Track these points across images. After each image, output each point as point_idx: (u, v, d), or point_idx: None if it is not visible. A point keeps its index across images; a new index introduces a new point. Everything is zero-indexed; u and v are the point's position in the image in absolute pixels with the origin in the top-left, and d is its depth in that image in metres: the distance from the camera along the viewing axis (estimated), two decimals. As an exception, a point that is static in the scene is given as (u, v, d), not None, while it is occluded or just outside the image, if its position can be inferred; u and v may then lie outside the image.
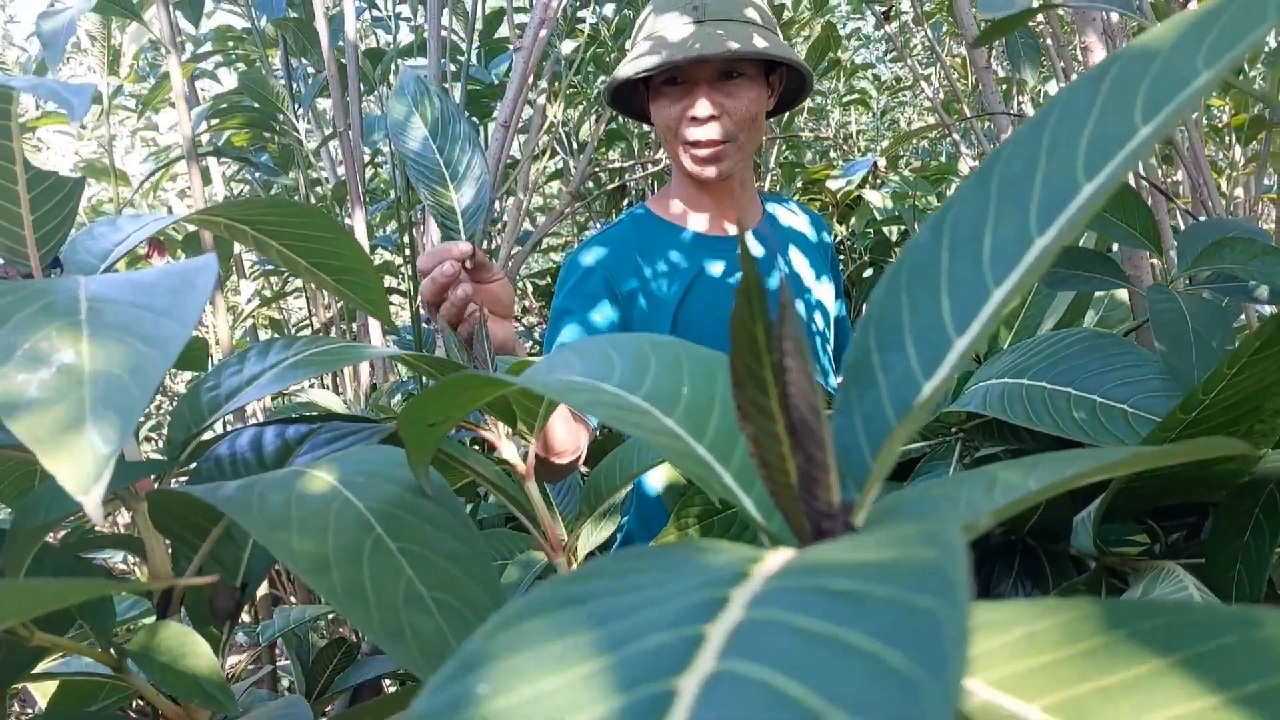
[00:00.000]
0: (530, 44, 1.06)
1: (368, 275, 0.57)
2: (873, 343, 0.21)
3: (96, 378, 0.29)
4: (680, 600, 0.15)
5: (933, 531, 0.14)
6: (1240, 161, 2.05)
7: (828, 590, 0.14)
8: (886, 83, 3.91)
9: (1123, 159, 0.19)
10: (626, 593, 0.15)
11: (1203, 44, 0.20)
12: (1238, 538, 0.49)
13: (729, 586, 0.15)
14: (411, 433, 0.35)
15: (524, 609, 0.15)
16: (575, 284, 1.19)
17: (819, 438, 0.18)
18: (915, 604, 0.12)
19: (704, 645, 0.12)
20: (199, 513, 0.47)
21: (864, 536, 0.16)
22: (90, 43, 1.50)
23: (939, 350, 0.20)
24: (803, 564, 0.15)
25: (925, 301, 0.20)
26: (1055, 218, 0.19)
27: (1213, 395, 0.46)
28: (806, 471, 0.19)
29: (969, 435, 0.67)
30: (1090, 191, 0.19)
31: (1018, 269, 0.19)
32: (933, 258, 0.21)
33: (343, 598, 0.34)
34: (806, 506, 0.19)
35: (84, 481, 0.26)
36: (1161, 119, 0.19)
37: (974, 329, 0.19)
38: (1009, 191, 0.20)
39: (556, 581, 0.16)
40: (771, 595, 0.14)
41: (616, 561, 0.17)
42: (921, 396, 0.20)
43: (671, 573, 0.16)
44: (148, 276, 0.36)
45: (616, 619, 0.14)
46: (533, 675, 0.12)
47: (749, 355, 0.19)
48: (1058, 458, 0.28)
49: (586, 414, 0.26)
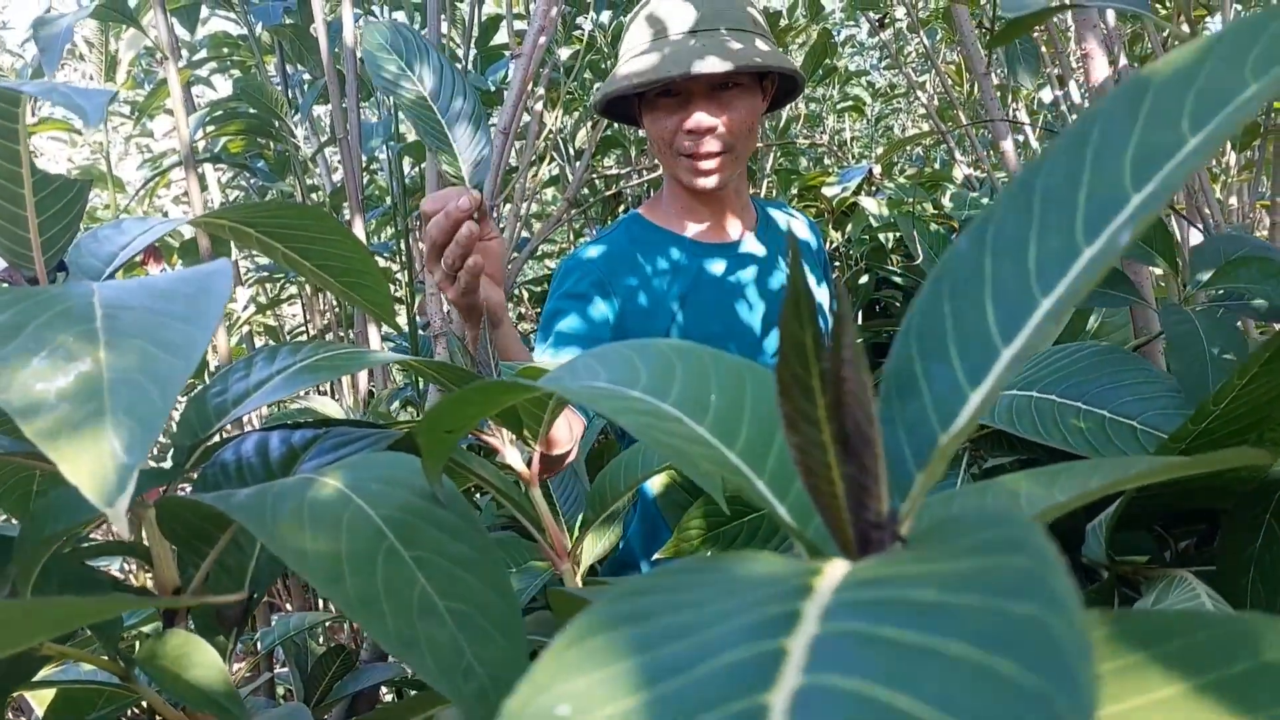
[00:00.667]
0: (529, 51, 1.06)
1: (373, 278, 0.57)
2: (915, 352, 0.21)
3: (116, 385, 0.28)
4: (747, 615, 0.14)
5: (1014, 536, 0.14)
6: (1234, 168, 2.06)
7: (909, 601, 0.13)
8: (881, 90, 3.93)
9: (1172, 169, 0.19)
10: (685, 609, 0.15)
11: (1249, 56, 0.19)
12: (1249, 545, 0.49)
13: (797, 599, 0.15)
14: (430, 439, 0.34)
15: (587, 627, 0.15)
16: (569, 286, 1.19)
17: (873, 447, 0.18)
18: (1016, 611, 0.12)
19: (786, 660, 0.12)
20: (207, 520, 0.46)
21: (927, 547, 0.16)
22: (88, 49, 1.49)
23: (986, 360, 0.19)
24: (868, 576, 0.15)
25: (969, 311, 0.20)
26: (1103, 228, 0.19)
27: (1223, 406, 0.46)
28: (857, 481, 0.18)
29: (976, 445, 0.67)
30: (1138, 202, 0.19)
31: (1066, 278, 0.19)
32: (975, 267, 0.21)
33: (357, 606, 0.34)
34: (854, 516, 0.19)
35: (108, 492, 0.25)
36: (1211, 129, 0.19)
37: (1021, 339, 0.19)
38: (1053, 202, 0.20)
39: (608, 598, 0.16)
40: (846, 608, 0.14)
41: (663, 577, 0.17)
42: (970, 407, 0.19)
43: (725, 587, 0.16)
44: (162, 282, 0.35)
45: (684, 636, 0.14)
46: (611, 695, 0.12)
47: (797, 363, 0.19)
48: (1078, 468, 0.27)
49: (614, 420, 0.25)
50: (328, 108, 1.72)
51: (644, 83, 1.10)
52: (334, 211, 2.00)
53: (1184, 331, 0.57)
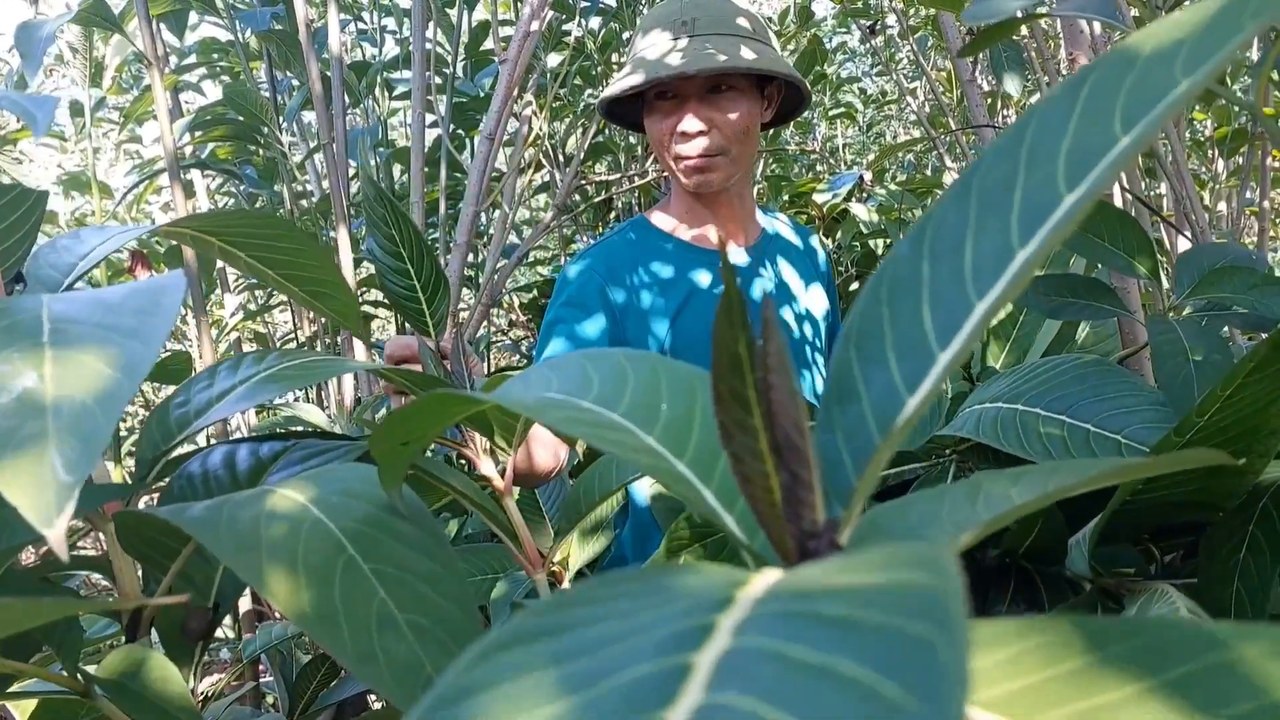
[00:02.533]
0: (515, 56, 1.06)
1: (338, 287, 0.56)
2: (854, 356, 0.20)
3: (60, 404, 0.28)
4: (663, 629, 0.14)
5: (924, 554, 0.13)
6: (1223, 175, 2.06)
7: (819, 616, 0.13)
8: (873, 96, 3.94)
9: (1104, 169, 0.18)
10: (605, 621, 0.15)
11: (1180, 52, 0.19)
12: (1233, 555, 0.48)
13: (714, 612, 0.14)
14: (383, 452, 0.34)
15: (500, 641, 0.14)
16: (569, 295, 1.18)
17: (804, 456, 0.18)
18: (909, 631, 0.11)
19: (691, 676, 0.12)
20: (168, 533, 0.45)
21: (852, 558, 0.15)
22: (71, 55, 1.49)
23: (922, 364, 0.19)
24: (790, 587, 0.15)
25: (907, 315, 0.20)
26: (1037, 229, 0.18)
27: (1207, 417, 0.45)
28: (791, 490, 0.18)
29: (963, 457, 0.66)
30: (1072, 202, 0.18)
31: (1001, 281, 0.19)
32: (913, 270, 0.20)
33: (313, 621, 0.33)
34: (791, 525, 0.18)
35: (46, 513, 0.25)
36: (1142, 128, 0.18)
37: (957, 342, 0.19)
38: (989, 203, 0.20)
39: (532, 611, 0.15)
40: (760, 621, 0.14)
41: (594, 588, 0.16)
42: (905, 412, 0.19)
43: (652, 599, 0.16)
44: (113, 295, 0.35)
45: (597, 650, 0.14)
46: (515, 711, 0.12)
47: (731, 373, 0.19)
48: (1038, 471, 0.27)
49: (564, 432, 0.25)
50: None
51: (636, 85, 1.10)
52: (322, 217, 2.00)
53: (1168, 341, 0.56)
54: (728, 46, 1.12)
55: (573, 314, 1.16)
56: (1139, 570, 0.55)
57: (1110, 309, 0.63)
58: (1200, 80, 0.18)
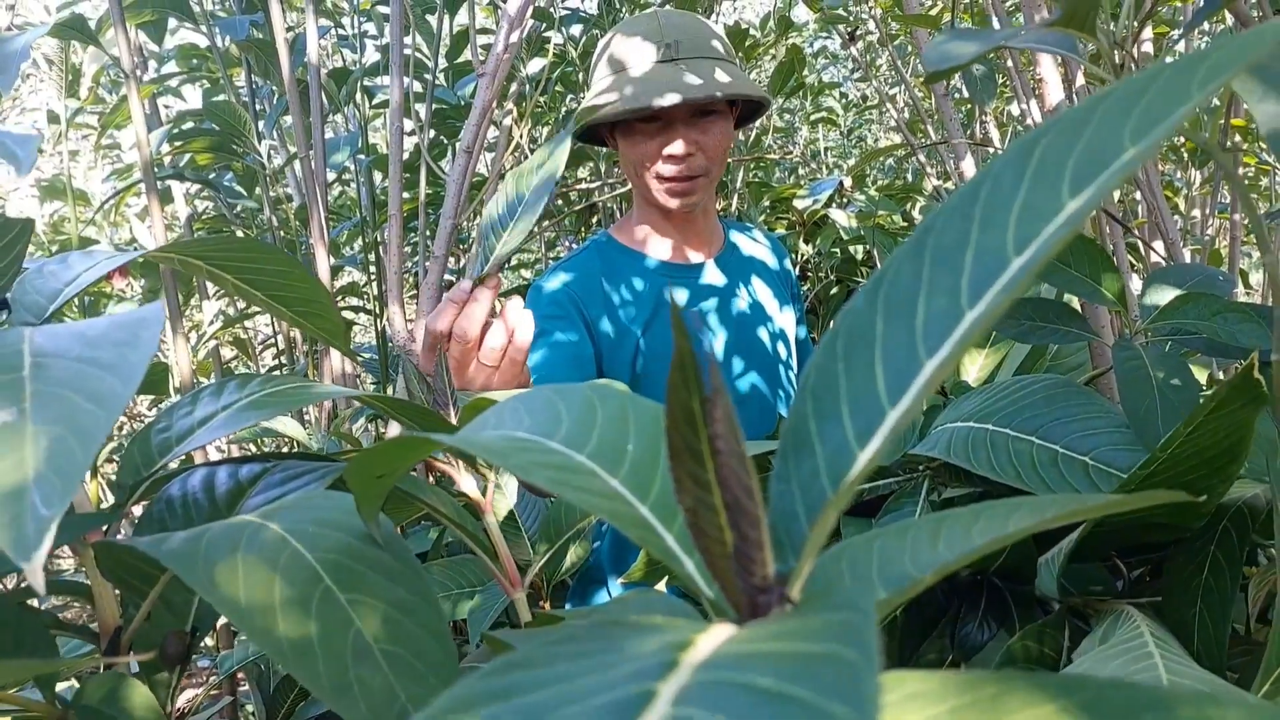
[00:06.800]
0: (493, 70, 1.06)
1: (324, 306, 0.57)
2: (810, 410, 0.21)
3: (39, 437, 0.28)
4: (605, 695, 0.15)
5: (854, 626, 0.14)
6: (1196, 182, 2.09)
7: (752, 688, 0.14)
8: (854, 101, 3.96)
9: (1050, 234, 0.19)
10: (550, 686, 0.15)
11: (1129, 119, 0.20)
12: (1195, 577, 0.49)
13: (655, 680, 0.15)
14: (360, 484, 0.34)
15: (449, 705, 0.15)
16: (543, 309, 1.19)
17: (752, 517, 0.18)
18: (830, 713, 0.12)
19: None
20: (147, 560, 0.46)
21: (793, 621, 0.16)
22: (48, 66, 1.48)
23: (873, 420, 0.20)
24: (731, 653, 0.15)
25: (860, 370, 0.20)
26: (985, 291, 0.19)
27: (1169, 452, 0.47)
28: (740, 548, 0.19)
29: (936, 472, 0.67)
30: (1019, 265, 0.19)
31: (949, 341, 0.19)
32: (868, 325, 0.21)
33: (289, 654, 0.34)
34: (742, 581, 0.19)
35: (24, 546, 0.25)
36: (1090, 194, 0.19)
37: (906, 400, 0.19)
38: (942, 262, 0.20)
39: (480, 674, 0.16)
40: (697, 692, 0.14)
41: (540, 649, 0.17)
42: (857, 466, 0.20)
43: (598, 659, 0.16)
44: (94, 328, 0.35)
45: (540, 717, 0.14)
46: None
47: (685, 428, 0.19)
48: (999, 507, 0.28)
49: (527, 480, 0.25)
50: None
51: (631, 110, 1.11)
52: (302, 225, 1.99)
53: (1132, 367, 0.58)
54: (710, 70, 1.13)
55: (548, 325, 1.18)
56: (1106, 587, 0.56)
57: (1079, 333, 0.64)
58: (1148, 148, 0.19)
